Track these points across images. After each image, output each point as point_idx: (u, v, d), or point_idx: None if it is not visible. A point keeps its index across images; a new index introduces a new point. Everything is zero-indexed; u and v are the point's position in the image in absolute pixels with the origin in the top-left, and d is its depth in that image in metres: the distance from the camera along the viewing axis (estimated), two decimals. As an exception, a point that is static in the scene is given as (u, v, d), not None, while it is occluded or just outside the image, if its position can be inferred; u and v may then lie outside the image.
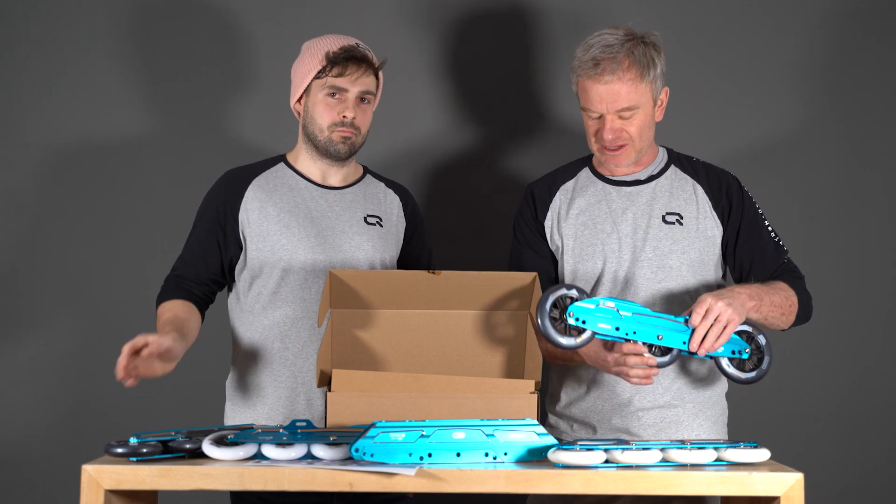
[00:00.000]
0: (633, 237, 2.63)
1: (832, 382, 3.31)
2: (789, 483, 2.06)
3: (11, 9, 3.30)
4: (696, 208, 2.65)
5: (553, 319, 2.35)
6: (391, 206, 2.80)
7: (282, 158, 2.77)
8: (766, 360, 2.31)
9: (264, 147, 3.16)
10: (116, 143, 3.29)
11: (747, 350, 2.35)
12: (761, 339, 2.42)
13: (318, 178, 2.74)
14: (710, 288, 2.63)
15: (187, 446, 2.15)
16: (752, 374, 2.31)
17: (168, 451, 2.13)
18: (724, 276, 2.72)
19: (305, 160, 2.74)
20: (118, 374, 2.33)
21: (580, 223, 2.68)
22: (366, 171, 2.83)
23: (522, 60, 3.33)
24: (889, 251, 3.32)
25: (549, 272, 2.72)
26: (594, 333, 2.36)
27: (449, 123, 3.34)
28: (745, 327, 2.43)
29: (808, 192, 3.32)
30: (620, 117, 2.57)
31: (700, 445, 2.15)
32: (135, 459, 2.09)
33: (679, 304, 2.61)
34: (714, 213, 2.64)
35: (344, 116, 2.65)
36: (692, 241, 2.63)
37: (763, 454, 2.17)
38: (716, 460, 2.15)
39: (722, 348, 2.38)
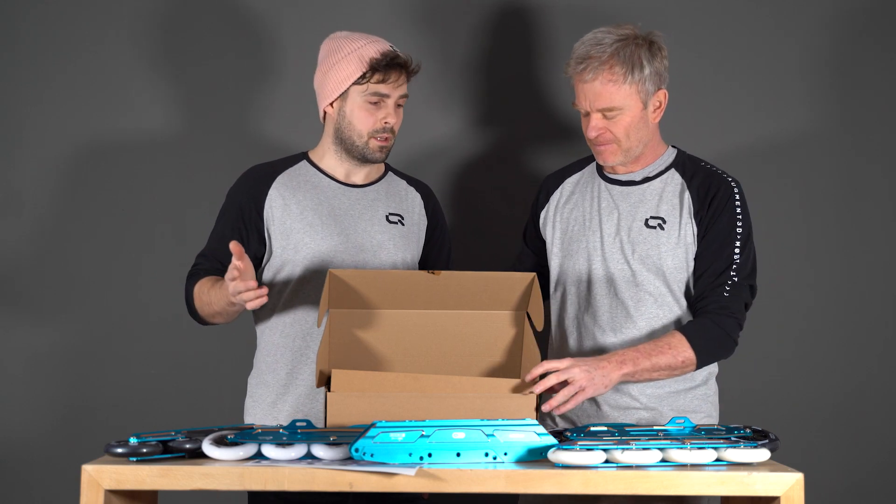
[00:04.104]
0: (615, 238, 2.63)
1: (832, 382, 3.30)
2: (789, 483, 2.06)
3: (14, 4, 3.29)
4: (679, 213, 2.61)
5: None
6: (413, 204, 2.80)
7: (304, 156, 2.77)
8: (772, 434, 2.26)
9: (276, 143, 3.16)
10: (125, 140, 3.29)
11: (748, 429, 2.31)
12: (755, 427, 2.36)
13: (342, 176, 2.74)
14: (680, 292, 2.61)
15: (187, 446, 2.14)
16: (767, 441, 2.25)
17: (168, 451, 2.13)
18: None
19: (331, 159, 2.74)
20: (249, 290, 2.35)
21: (572, 218, 2.70)
22: (387, 168, 2.84)
23: (531, 61, 3.33)
24: (892, 250, 3.31)
25: (543, 267, 2.73)
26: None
27: (452, 125, 3.33)
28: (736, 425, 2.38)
29: (813, 191, 3.31)
30: (604, 116, 2.57)
31: (700, 445, 2.15)
32: (135, 459, 2.08)
33: (655, 307, 2.59)
34: (694, 220, 2.60)
35: (386, 122, 2.66)
36: (672, 246, 2.60)
37: (763, 454, 2.17)
38: (716, 460, 2.15)
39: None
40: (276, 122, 3.27)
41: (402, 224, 2.75)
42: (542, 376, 2.37)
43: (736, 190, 2.62)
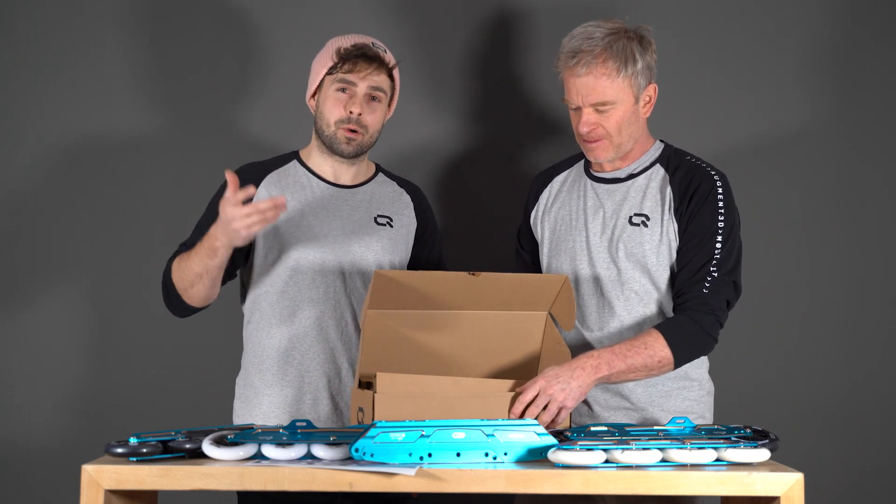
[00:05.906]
0: (600, 237, 2.62)
1: (832, 382, 3.30)
2: (789, 483, 2.06)
3: (13, 5, 3.29)
4: (661, 210, 2.60)
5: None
6: (403, 207, 2.80)
7: (295, 156, 2.78)
8: (772, 434, 2.27)
9: (270, 145, 3.15)
10: (120, 140, 3.29)
11: (748, 429, 2.31)
12: (755, 426, 2.36)
13: (330, 176, 2.74)
14: (665, 290, 2.60)
15: (187, 446, 2.14)
16: (767, 441, 2.25)
17: (168, 451, 2.13)
18: None
19: (317, 158, 2.74)
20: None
21: (559, 218, 2.69)
22: (378, 169, 2.83)
23: (525, 59, 3.32)
24: (891, 250, 3.31)
25: (538, 268, 2.74)
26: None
27: (450, 124, 3.33)
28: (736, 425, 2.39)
29: (811, 189, 3.31)
30: (597, 111, 2.56)
31: (700, 445, 2.15)
32: (135, 459, 2.08)
33: (641, 306, 2.59)
34: (674, 216, 2.58)
35: (351, 112, 2.65)
36: (656, 244, 2.58)
37: (763, 454, 2.17)
38: (716, 460, 2.15)
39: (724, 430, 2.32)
40: (278, 122, 3.26)
41: (391, 226, 2.75)
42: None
43: (719, 183, 2.58)
